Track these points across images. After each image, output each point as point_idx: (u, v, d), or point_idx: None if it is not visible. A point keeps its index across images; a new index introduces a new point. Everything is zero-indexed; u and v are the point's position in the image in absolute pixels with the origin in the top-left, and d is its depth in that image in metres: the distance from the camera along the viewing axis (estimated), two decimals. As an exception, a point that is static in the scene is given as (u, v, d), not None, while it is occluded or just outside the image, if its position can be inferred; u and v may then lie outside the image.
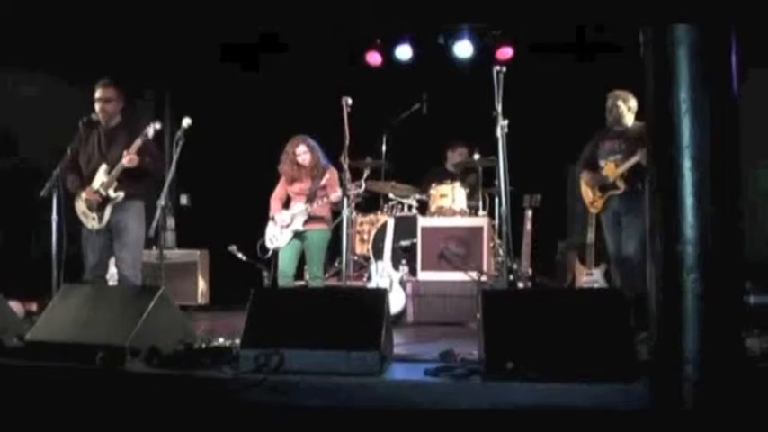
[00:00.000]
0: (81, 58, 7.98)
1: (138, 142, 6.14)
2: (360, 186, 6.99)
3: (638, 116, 6.43)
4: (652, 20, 3.26)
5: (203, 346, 4.87)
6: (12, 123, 8.28)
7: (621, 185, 6.34)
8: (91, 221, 6.28)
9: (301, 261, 7.32)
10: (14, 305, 6.04)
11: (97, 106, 6.34)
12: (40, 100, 8.28)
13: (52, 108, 8.01)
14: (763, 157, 7.38)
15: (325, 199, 7.06)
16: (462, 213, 7.98)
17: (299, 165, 7.23)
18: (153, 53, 8.89)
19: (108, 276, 6.84)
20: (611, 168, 6.41)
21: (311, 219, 7.11)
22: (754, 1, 5.11)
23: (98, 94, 6.34)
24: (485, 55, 9.23)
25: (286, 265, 7.16)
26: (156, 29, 8.45)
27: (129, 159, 6.12)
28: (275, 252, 7.26)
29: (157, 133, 6.32)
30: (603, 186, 6.48)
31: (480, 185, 8.47)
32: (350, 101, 6.50)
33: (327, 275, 7.90)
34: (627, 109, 6.40)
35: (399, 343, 5.33)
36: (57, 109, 7.84)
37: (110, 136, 6.35)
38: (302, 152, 7.19)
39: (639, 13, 3.37)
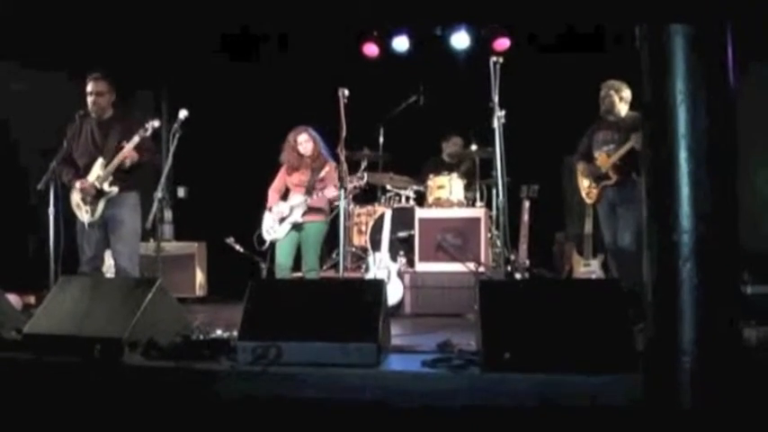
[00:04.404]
0: (78, 51, 7.96)
1: (135, 139, 6.14)
2: (362, 179, 6.99)
3: (632, 106, 6.44)
4: (648, 18, 3.25)
5: (201, 338, 4.87)
6: (5, 117, 8.28)
7: (614, 176, 6.37)
8: (84, 214, 6.28)
9: (299, 253, 7.32)
10: (12, 298, 6.04)
11: (89, 100, 6.33)
12: (32, 94, 8.27)
13: (48, 102, 8.00)
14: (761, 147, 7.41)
15: (320, 193, 7.05)
16: (460, 204, 7.99)
17: (299, 154, 7.22)
18: (150, 46, 8.87)
19: (105, 269, 6.84)
20: (603, 159, 6.44)
21: (309, 210, 7.10)
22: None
23: (90, 87, 6.33)
24: (482, 46, 9.24)
25: (284, 256, 7.16)
26: (152, 21, 8.42)
27: (127, 156, 6.12)
28: (272, 244, 7.26)
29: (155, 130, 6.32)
30: (597, 177, 6.50)
31: (477, 176, 8.48)
32: (347, 92, 6.49)
33: (325, 267, 7.92)
34: (619, 99, 6.43)
35: (397, 334, 5.34)
36: (53, 103, 7.84)
37: (103, 128, 6.35)
38: (304, 141, 7.19)
39: (635, 11, 3.36)
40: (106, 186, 6.20)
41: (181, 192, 10.10)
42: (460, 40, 9.40)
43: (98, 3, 7.75)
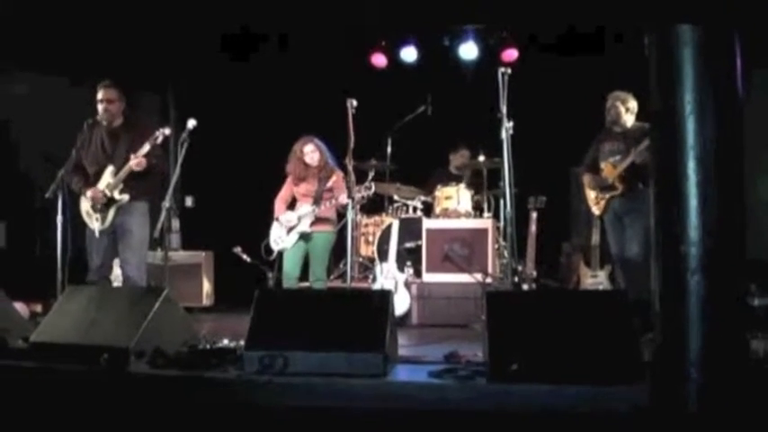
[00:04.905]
0: (85, 59, 7.99)
1: (146, 147, 6.15)
2: (369, 189, 7.00)
3: (639, 117, 6.44)
4: (656, 21, 3.25)
5: (208, 347, 4.87)
6: (8, 122, 8.33)
7: (620, 186, 6.36)
8: (94, 222, 6.29)
9: (306, 262, 7.31)
10: (19, 306, 6.04)
11: (100, 107, 6.35)
12: (33, 98, 8.32)
13: (50, 107, 8.04)
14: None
15: (333, 201, 7.06)
16: (467, 215, 7.98)
17: (306, 164, 7.23)
18: (157, 54, 8.90)
19: (113, 278, 6.84)
20: (609, 170, 6.43)
21: (317, 220, 7.11)
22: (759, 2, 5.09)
23: (100, 95, 6.35)
24: (490, 57, 9.24)
25: (291, 266, 7.16)
26: (160, 29, 8.46)
27: (137, 163, 6.13)
28: (280, 253, 7.26)
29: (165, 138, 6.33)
30: (603, 188, 6.50)
31: (485, 187, 8.47)
32: (355, 102, 6.48)
33: (332, 277, 7.91)
34: (625, 110, 6.42)
35: (404, 345, 5.33)
36: (55, 108, 7.88)
37: (113, 136, 6.36)
38: (310, 151, 7.20)
39: (643, 15, 3.36)
40: (117, 194, 6.22)
41: (188, 201, 10.11)
42: (468, 50, 9.41)
43: (105, 8, 7.77)
